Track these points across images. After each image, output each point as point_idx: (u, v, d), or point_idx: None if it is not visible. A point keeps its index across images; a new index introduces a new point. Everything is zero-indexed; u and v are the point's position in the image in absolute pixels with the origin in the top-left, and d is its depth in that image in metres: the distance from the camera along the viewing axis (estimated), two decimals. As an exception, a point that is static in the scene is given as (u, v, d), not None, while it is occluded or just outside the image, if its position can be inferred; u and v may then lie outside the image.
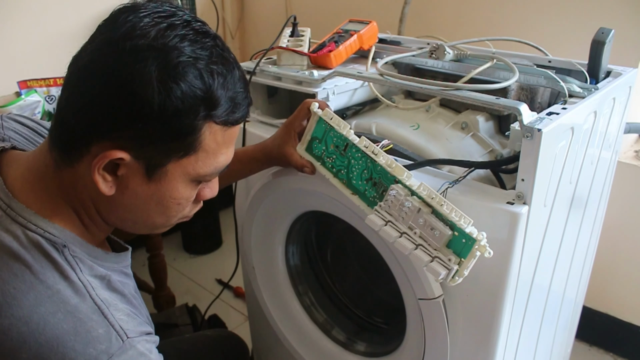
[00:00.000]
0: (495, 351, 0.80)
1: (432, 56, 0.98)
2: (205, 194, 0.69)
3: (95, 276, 0.62)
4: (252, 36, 2.26)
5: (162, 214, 0.65)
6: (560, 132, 0.75)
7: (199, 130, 0.58)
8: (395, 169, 0.72)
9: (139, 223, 0.66)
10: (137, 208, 0.63)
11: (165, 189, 0.61)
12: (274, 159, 0.88)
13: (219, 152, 0.62)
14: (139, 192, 0.61)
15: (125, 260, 0.72)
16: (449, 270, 0.67)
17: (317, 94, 0.93)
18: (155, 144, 0.57)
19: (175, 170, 0.60)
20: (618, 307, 1.56)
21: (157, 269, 1.68)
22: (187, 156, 0.60)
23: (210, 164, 0.62)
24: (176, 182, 0.61)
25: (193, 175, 0.62)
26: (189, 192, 0.64)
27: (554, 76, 0.86)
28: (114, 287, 0.64)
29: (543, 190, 0.74)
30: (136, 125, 0.56)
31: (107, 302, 0.60)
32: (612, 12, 1.31)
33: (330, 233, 1.17)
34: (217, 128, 0.60)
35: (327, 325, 1.13)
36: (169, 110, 0.55)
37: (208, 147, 0.60)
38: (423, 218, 0.69)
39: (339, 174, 0.80)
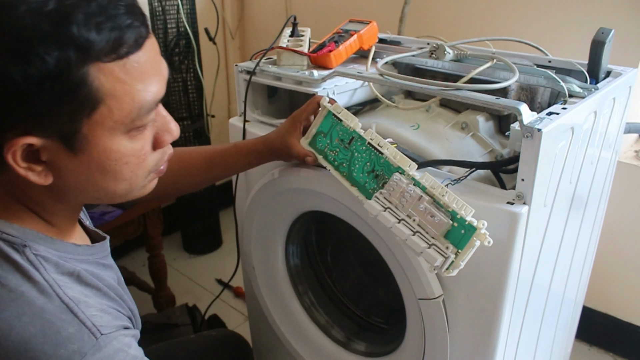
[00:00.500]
0: (495, 351, 0.80)
1: (432, 56, 0.98)
2: (165, 138, 0.61)
3: (63, 273, 0.59)
4: (252, 36, 2.26)
5: (116, 180, 0.59)
6: (560, 132, 0.75)
7: (87, 79, 0.50)
8: (400, 160, 0.74)
9: (101, 197, 0.61)
10: (85, 185, 0.58)
11: (99, 155, 0.55)
12: (276, 149, 0.87)
13: (133, 89, 0.53)
14: (75, 169, 0.56)
15: (101, 251, 0.68)
16: (445, 258, 0.67)
17: (317, 94, 0.92)
18: (51, 116, 0.51)
19: (94, 131, 0.53)
20: (618, 307, 1.56)
21: (157, 269, 1.68)
22: (96, 111, 0.52)
23: (129, 107, 0.54)
24: (104, 142, 0.55)
25: (118, 127, 0.55)
26: (130, 147, 0.57)
27: (554, 76, 0.86)
28: (86, 282, 0.61)
29: (543, 190, 0.74)
30: (15, 106, 0.50)
31: (77, 299, 0.57)
32: (612, 12, 1.31)
33: (330, 233, 1.17)
34: (110, 66, 0.51)
35: (327, 325, 1.13)
36: (35, 77, 0.48)
37: (114, 91, 0.52)
38: (424, 205, 0.69)
39: (340, 167, 0.80)
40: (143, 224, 1.59)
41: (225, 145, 0.92)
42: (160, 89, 0.57)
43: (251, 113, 1.05)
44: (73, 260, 0.61)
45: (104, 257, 0.68)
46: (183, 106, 1.89)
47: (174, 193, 0.97)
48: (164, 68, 0.58)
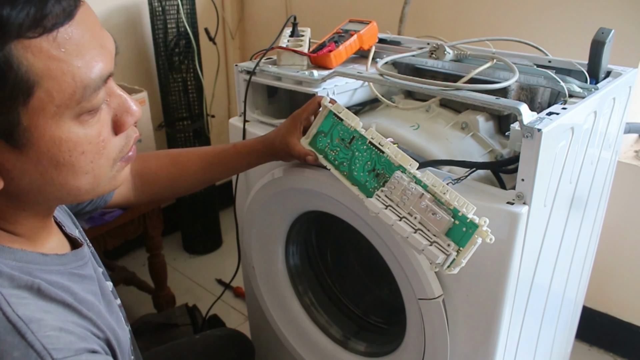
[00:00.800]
0: (495, 351, 0.80)
1: (432, 56, 0.98)
2: (125, 120, 0.55)
3: (19, 287, 0.51)
4: (252, 36, 2.26)
5: (75, 174, 0.52)
6: (560, 132, 0.75)
7: (11, 60, 0.43)
8: (402, 159, 0.74)
9: (64, 195, 0.54)
10: (41, 184, 0.51)
11: (47, 148, 0.48)
12: (276, 149, 0.86)
13: (72, 66, 0.47)
14: (26, 168, 0.49)
15: (75, 260, 0.61)
16: (447, 255, 0.67)
17: (317, 94, 0.92)
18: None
19: (35, 120, 0.47)
20: (618, 307, 1.56)
21: (157, 269, 1.68)
22: (32, 97, 0.45)
23: (71, 88, 0.47)
24: (51, 132, 0.48)
25: (64, 112, 0.48)
26: (84, 133, 0.50)
27: (554, 76, 0.86)
28: (48, 296, 0.52)
29: (543, 190, 0.74)
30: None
31: (28, 317, 0.49)
32: (612, 12, 1.31)
33: (330, 233, 1.17)
34: (37, 42, 0.45)
35: (327, 325, 1.13)
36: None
37: (48, 70, 0.45)
38: (425, 203, 0.69)
39: (341, 166, 0.80)
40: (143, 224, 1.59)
41: (224, 145, 0.91)
42: (106, 65, 0.50)
43: (251, 113, 1.05)
44: (38, 271, 0.54)
45: (80, 267, 0.61)
46: (183, 106, 1.89)
47: (170, 195, 0.95)
48: (108, 41, 0.51)
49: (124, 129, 0.55)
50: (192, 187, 0.94)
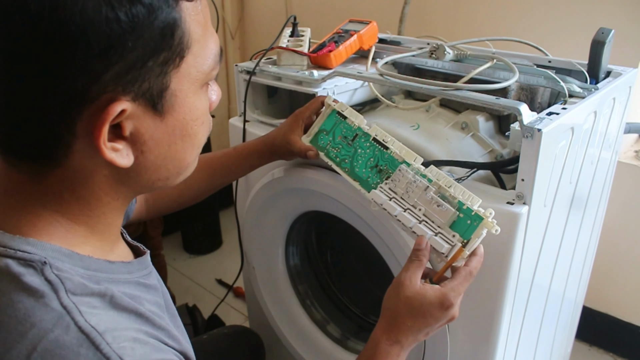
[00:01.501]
0: (495, 351, 0.80)
1: (432, 56, 0.98)
2: (213, 98, 0.57)
3: (91, 294, 0.48)
4: (252, 36, 2.26)
5: (193, 147, 0.54)
6: (560, 132, 0.75)
7: (180, 18, 0.46)
8: (406, 154, 0.74)
9: (172, 175, 0.54)
10: (165, 159, 0.52)
11: (184, 114, 0.50)
12: (277, 147, 0.86)
13: (207, 34, 0.50)
14: (160, 138, 0.50)
15: (141, 269, 0.58)
16: (451, 246, 0.67)
17: (317, 94, 0.93)
18: (147, 67, 0.45)
19: (181, 84, 0.49)
20: (618, 307, 1.56)
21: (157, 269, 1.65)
22: (184, 59, 0.48)
23: (207, 53, 0.50)
24: (189, 98, 0.50)
25: (200, 77, 0.50)
26: (205, 103, 0.53)
27: (554, 76, 0.86)
28: (121, 305, 0.50)
29: (543, 191, 0.74)
30: (113, 59, 0.43)
31: (102, 327, 0.46)
32: (612, 12, 1.31)
33: (330, 233, 1.17)
34: (192, 6, 0.48)
35: (326, 324, 1.13)
36: (141, 15, 0.43)
37: (196, 34, 0.48)
38: (430, 195, 0.69)
39: (342, 163, 0.81)
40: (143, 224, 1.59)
41: (224, 150, 0.91)
42: (218, 40, 0.53)
43: (251, 113, 1.05)
44: (106, 280, 0.51)
45: (145, 276, 0.59)
46: (183, 106, 1.89)
47: (177, 207, 0.94)
48: None
49: (213, 108, 0.57)
50: (198, 196, 0.94)
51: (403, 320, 0.66)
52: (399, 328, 0.66)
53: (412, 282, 0.66)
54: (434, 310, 0.65)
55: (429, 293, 0.65)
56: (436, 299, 0.64)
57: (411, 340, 0.66)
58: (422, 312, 0.65)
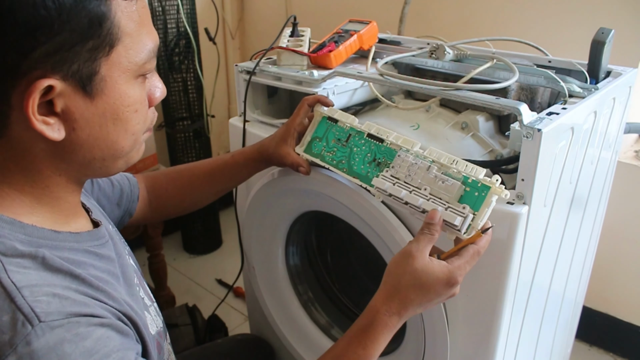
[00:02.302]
0: (495, 351, 0.80)
1: (432, 56, 0.98)
2: (156, 94, 0.62)
3: (23, 256, 0.52)
4: (252, 36, 2.26)
5: (126, 132, 0.58)
6: (560, 132, 0.75)
7: (110, 12, 0.52)
8: (404, 142, 0.74)
9: (107, 157, 0.58)
10: (97, 139, 0.56)
11: (114, 98, 0.55)
12: (270, 157, 0.88)
13: (142, 31, 0.56)
14: (90, 117, 0.54)
15: (92, 240, 0.62)
16: (464, 217, 0.66)
17: (317, 94, 0.92)
18: (74, 50, 0.50)
19: (112, 71, 0.54)
20: (618, 307, 1.56)
21: (157, 269, 1.68)
22: (114, 49, 0.53)
23: (140, 48, 0.56)
24: (120, 85, 0.55)
25: (132, 68, 0.56)
26: (138, 93, 0.58)
27: (554, 76, 0.86)
28: (53, 266, 0.53)
29: (543, 190, 0.74)
30: (40, 40, 0.48)
31: (22, 282, 0.49)
32: (612, 12, 1.31)
33: (330, 233, 1.17)
34: (125, 4, 0.54)
35: (327, 325, 1.13)
36: (67, 4, 0.48)
37: (129, 28, 0.54)
38: (433, 173, 0.69)
39: (340, 164, 0.81)
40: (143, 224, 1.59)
41: (223, 157, 0.93)
42: (157, 38, 0.59)
43: (251, 113, 1.05)
44: (48, 246, 0.55)
45: (98, 246, 0.62)
46: (183, 106, 1.89)
47: (181, 211, 0.97)
48: None
49: (154, 103, 0.62)
50: (200, 201, 0.96)
51: (406, 293, 0.65)
52: (401, 300, 0.65)
53: (421, 255, 0.65)
54: (438, 286, 0.64)
55: (436, 268, 0.64)
56: (443, 275, 0.64)
57: (410, 313, 0.66)
58: (427, 287, 0.64)
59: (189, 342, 1.41)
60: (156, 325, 0.71)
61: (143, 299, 0.70)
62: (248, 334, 1.29)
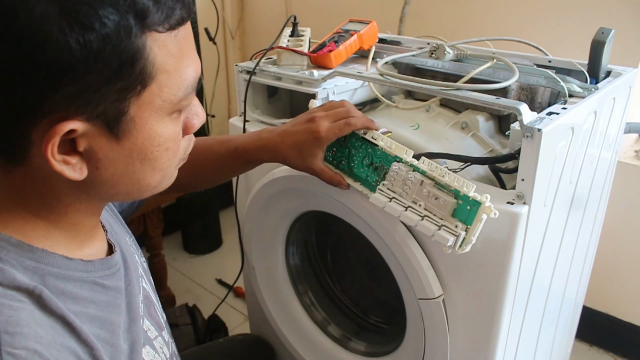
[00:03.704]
0: (495, 351, 0.80)
1: (432, 56, 0.98)
2: (194, 123, 0.58)
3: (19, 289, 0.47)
4: (252, 36, 2.26)
5: (154, 170, 0.54)
6: (560, 132, 0.75)
7: (144, 49, 0.46)
8: (395, 149, 0.74)
9: (132, 192, 0.55)
10: (121, 177, 0.52)
11: (143, 140, 0.50)
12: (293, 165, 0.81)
13: (182, 64, 0.50)
14: (115, 158, 0.50)
15: (103, 269, 0.57)
16: (456, 236, 0.67)
17: (317, 93, 0.93)
18: (101, 92, 0.46)
19: (142, 111, 0.49)
20: (618, 307, 1.56)
21: (157, 269, 1.68)
22: (147, 88, 0.48)
23: (178, 84, 0.50)
24: (150, 125, 0.50)
25: (166, 107, 0.51)
26: (172, 130, 0.53)
27: (554, 76, 0.86)
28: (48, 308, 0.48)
29: (543, 190, 0.74)
30: (64, 82, 0.44)
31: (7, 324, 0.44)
32: (612, 12, 1.31)
33: (330, 233, 1.17)
34: (164, 37, 0.48)
35: (326, 324, 1.13)
36: (94, 44, 0.43)
37: (166, 65, 0.49)
38: (426, 189, 0.70)
39: (340, 165, 0.81)
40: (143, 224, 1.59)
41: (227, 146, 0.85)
42: (199, 66, 0.54)
43: (251, 113, 1.05)
44: (53, 276, 0.51)
45: (106, 277, 0.57)
46: (183, 106, 1.89)
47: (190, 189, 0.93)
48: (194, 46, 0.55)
49: (191, 132, 0.58)
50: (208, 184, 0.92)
51: None
52: None
53: None
54: None
55: None
56: None
57: None
58: None
59: (189, 342, 1.41)
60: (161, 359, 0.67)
61: (147, 331, 0.65)
62: (248, 334, 1.29)
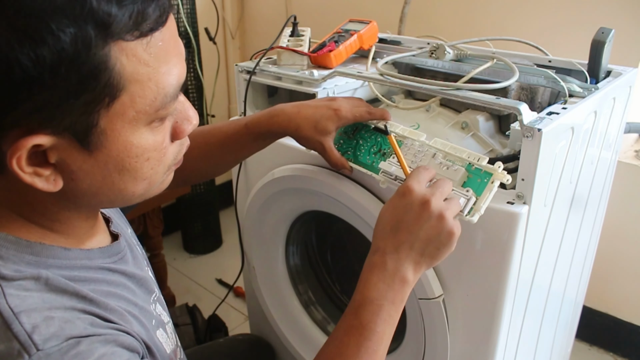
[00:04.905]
0: (495, 351, 0.80)
1: (432, 56, 0.98)
2: (184, 128, 0.54)
3: (25, 278, 0.48)
4: (252, 36, 2.26)
5: (136, 180, 0.51)
6: (561, 132, 0.75)
7: (108, 60, 0.43)
8: (410, 134, 0.76)
9: (116, 200, 0.53)
10: (100, 188, 0.50)
11: (117, 152, 0.48)
12: (303, 140, 0.77)
13: (157, 73, 0.46)
14: (90, 170, 0.48)
15: (104, 257, 0.57)
16: (467, 199, 0.67)
17: (317, 93, 0.93)
18: (64, 109, 0.43)
19: (113, 123, 0.46)
20: (618, 307, 1.56)
21: (157, 269, 1.68)
22: (116, 100, 0.45)
23: (154, 94, 0.47)
24: (125, 137, 0.47)
25: (141, 118, 0.47)
26: (151, 140, 0.50)
27: (554, 76, 0.86)
28: (57, 287, 0.49)
29: (543, 190, 0.74)
30: (21, 98, 0.41)
31: (19, 307, 0.46)
32: (612, 12, 1.31)
33: (330, 233, 1.17)
34: (133, 46, 0.44)
35: (327, 324, 1.13)
36: (48, 60, 0.40)
37: (137, 75, 0.45)
38: (439, 160, 0.71)
39: (345, 155, 0.82)
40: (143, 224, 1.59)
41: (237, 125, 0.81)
42: (182, 71, 0.50)
43: (251, 113, 1.05)
44: (55, 266, 0.52)
45: (113, 263, 0.58)
46: (183, 106, 1.89)
47: (199, 179, 0.91)
48: (181, 46, 0.51)
49: (182, 137, 0.54)
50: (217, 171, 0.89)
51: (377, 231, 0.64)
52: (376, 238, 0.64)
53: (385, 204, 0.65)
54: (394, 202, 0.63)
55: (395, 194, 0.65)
56: (394, 194, 0.64)
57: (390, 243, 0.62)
58: (387, 211, 0.64)
59: (189, 342, 1.41)
60: (171, 344, 0.67)
61: (160, 315, 0.66)
62: (248, 334, 1.29)
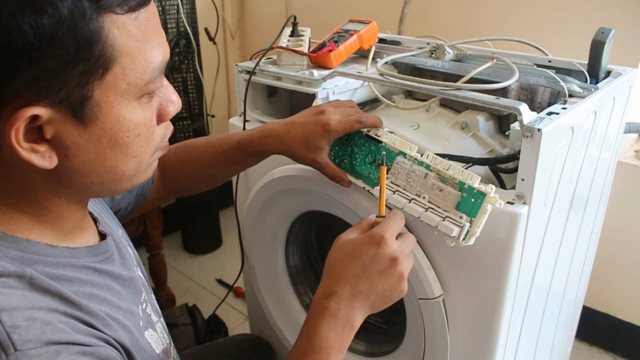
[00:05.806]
0: (495, 351, 0.80)
1: (432, 56, 0.98)
2: (169, 110, 0.57)
3: (9, 275, 0.49)
4: (252, 36, 2.26)
5: (127, 156, 0.53)
6: (560, 132, 0.75)
7: (101, 31, 0.46)
8: (400, 144, 0.75)
9: (107, 181, 0.54)
10: (93, 165, 0.52)
11: (111, 125, 0.50)
12: (299, 159, 0.79)
13: (146, 47, 0.50)
14: (84, 145, 0.50)
15: (90, 256, 0.58)
16: (460, 227, 0.67)
17: (317, 93, 0.93)
18: (61, 76, 0.46)
19: (107, 95, 0.49)
20: (618, 307, 1.56)
21: (157, 269, 1.68)
22: (109, 71, 0.48)
23: (143, 67, 0.50)
24: (118, 110, 0.50)
25: (132, 90, 0.50)
26: (142, 115, 0.52)
27: (554, 76, 0.86)
28: (41, 286, 0.50)
29: (543, 190, 0.74)
30: (21, 67, 0.44)
31: (1, 305, 0.46)
32: (612, 12, 1.31)
33: (330, 233, 1.17)
34: (123, 19, 0.48)
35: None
36: (48, 28, 0.43)
37: (128, 47, 0.48)
38: (431, 181, 0.70)
39: (342, 163, 0.81)
40: (143, 224, 1.59)
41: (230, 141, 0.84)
42: (167, 50, 0.53)
43: (251, 113, 1.05)
44: (41, 263, 0.52)
45: (99, 262, 0.59)
46: (183, 106, 1.89)
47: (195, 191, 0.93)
48: (162, 30, 0.55)
49: (167, 119, 0.57)
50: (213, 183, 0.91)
51: (336, 269, 0.62)
52: (332, 277, 0.62)
53: (345, 235, 0.64)
54: (363, 247, 0.62)
55: (359, 236, 0.63)
56: (365, 236, 0.63)
57: (348, 290, 0.61)
58: (353, 253, 0.62)
59: (189, 342, 1.41)
60: (162, 343, 0.68)
61: (150, 315, 0.67)
62: (248, 334, 1.29)
